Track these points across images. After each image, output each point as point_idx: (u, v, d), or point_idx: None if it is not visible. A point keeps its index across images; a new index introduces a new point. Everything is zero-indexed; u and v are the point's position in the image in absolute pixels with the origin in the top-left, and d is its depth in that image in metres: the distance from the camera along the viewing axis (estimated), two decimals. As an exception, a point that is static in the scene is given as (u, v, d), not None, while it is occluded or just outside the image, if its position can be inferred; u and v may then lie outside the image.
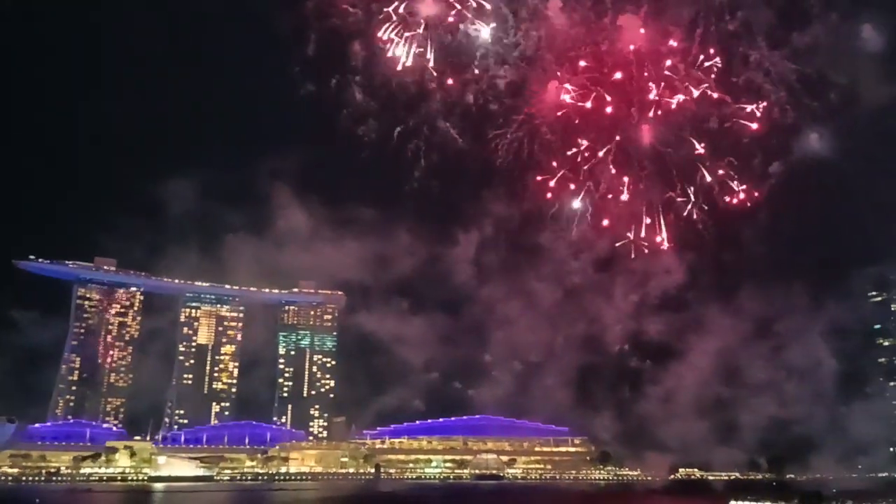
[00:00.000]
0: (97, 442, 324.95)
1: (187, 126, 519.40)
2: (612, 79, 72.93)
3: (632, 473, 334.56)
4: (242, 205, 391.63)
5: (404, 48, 67.60)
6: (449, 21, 67.16)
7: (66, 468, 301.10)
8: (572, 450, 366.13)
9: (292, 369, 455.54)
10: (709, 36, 70.45)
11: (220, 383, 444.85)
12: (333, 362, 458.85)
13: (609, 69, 72.64)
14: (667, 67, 71.33)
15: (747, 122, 72.98)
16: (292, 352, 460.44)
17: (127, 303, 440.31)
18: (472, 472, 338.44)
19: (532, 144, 72.74)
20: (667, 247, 78.39)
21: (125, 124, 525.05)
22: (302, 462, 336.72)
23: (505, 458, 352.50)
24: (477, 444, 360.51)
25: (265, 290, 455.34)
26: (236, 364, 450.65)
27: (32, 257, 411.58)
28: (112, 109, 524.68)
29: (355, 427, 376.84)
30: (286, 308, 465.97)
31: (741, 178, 75.35)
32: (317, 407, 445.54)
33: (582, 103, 72.86)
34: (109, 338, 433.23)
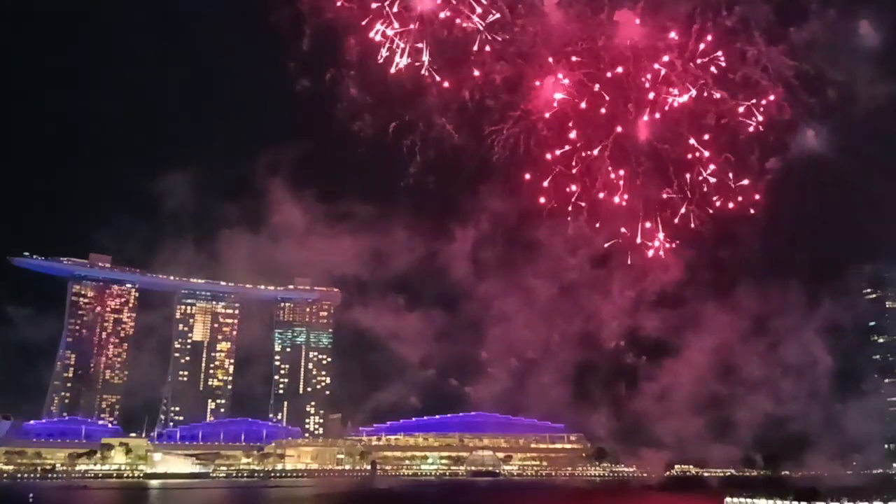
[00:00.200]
0: (93, 439, 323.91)
1: (182, 122, 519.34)
2: (609, 75, 72.62)
3: (628, 470, 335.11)
4: (237, 200, 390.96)
5: (398, 48, 67.04)
6: (444, 17, 66.71)
7: (62, 465, 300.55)
8: (568, 446, 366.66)
9: (288, 366, 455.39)
10: (706, 32, 70.13)
11: (215, 380, 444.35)
12: (329, 359, 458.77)
13: (605, 65, 72.32)
14: (663, 63, 71.00)
15: (744, 119, 72.72)
16: (288, 349, 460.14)
17: (122, 300, 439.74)
18: (469, 468, 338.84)
19: (528, 141, 72.35)
20: (663, 243, 77.98)
21: (120, 121, 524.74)
22: (298, 459, 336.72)
23: (501, 455, 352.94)
24: (473, 440, 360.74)
25: (261, 286, 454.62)
26: (232, 361, 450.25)
27: (27, 254, 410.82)
28: (107, 106, 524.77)
29: (351, 424, 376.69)
30: (282, 305, 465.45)
31: (738, 175, 75.05)
32: (313, 404, 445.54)
33: (578, 99, 72.54)
34: (105, 335, 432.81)
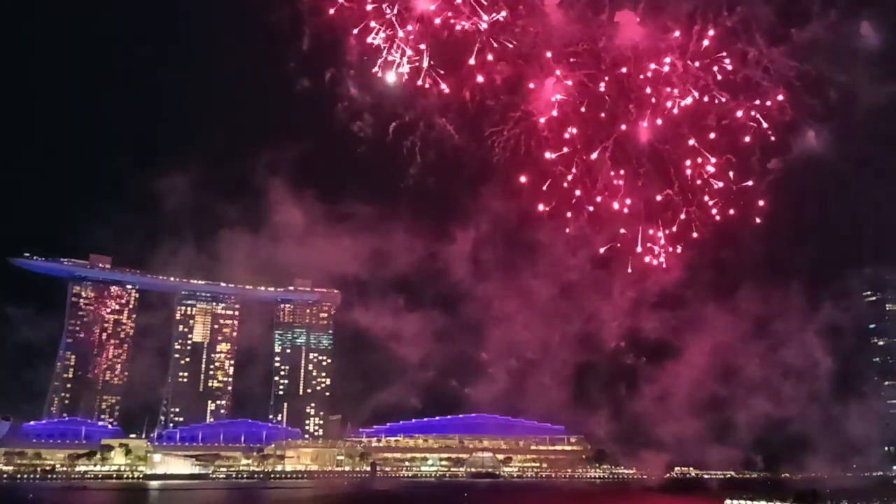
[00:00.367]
0: (92, 440, 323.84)
1: (182, 122, 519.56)
2: (610, 76, 72.48)
3: (627, 472, 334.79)
4: (237, 201, 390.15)
5: (398, 48, 66.84)
6: (445, 17, 66.55)
7: (61, 466, 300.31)
8: (568, 448, 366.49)
9: (288, 367, 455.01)
10: (706, 32, 69.94)
11: (215, 381, 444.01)
12: (329, 360, 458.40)
13: (606, 66, 72.16)
14: (664, 64, 70.83)
15: (745, 120, 72.53)
16: (288, 350, 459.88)
17: (122, 300, 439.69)
18: (468, 470, 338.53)
19: (529, 142, 72.08)
20: (664, 248, 77.79)
21: (121, 121, 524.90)
22: (298, 460, 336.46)
23: (501, 457, 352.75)
24: (473, 442, 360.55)
25: (261, 288, 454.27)
26: (232, 362, 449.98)
27: (27, 254, 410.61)
28: (107, 106, 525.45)
29: (351, 425, 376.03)
30: (282, 306, 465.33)
31: (740, 177, 74.84)
32: (313, 405, 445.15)
33: (579, 100, 72.40)
34: (105, 335, 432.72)
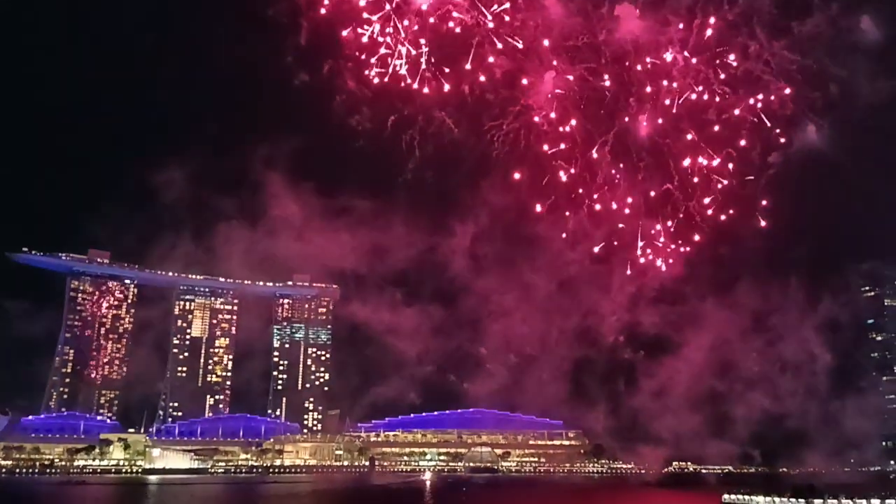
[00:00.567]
0: (91, 434, 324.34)
1: (180, 116, 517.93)
2: (610, 70, 72.32)
3: (625, 466, 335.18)
4: (235, 194, 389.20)
5: (397, 42, 66.55)
6: (443, 11, 66.25)
7: (60, 460, 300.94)
8: (566, 443, 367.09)
9: (286, 362, 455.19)
10: (707, 26, 69.75)
11: (214, 376, 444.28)
12: (328, 355, 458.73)
13: (607, 60, 72.00)
14: (665, 58, 70.67)
15: (746, 114, 72.45)
16: (287, 345, 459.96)
17: (121, 295, 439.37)
18: (467, 465, 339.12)
19: (528, 135, 71.99)
20: (665, 245, 77.78)
21: (118, 115, 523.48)
22: (296, 455, 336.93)
23: (499, 452, 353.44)
24: (471, 437, 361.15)
25: (259, 282, 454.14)
26: (230, 357, 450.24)
27: (26, 249, 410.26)
28: (105, 100, 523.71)
29: (350, 420, 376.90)
30: (280, 301, 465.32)
31: (740, 172, 74.86)
32: (311, 400, 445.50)
33: (579, 94, 72.24)
34: (103, 330, 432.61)
